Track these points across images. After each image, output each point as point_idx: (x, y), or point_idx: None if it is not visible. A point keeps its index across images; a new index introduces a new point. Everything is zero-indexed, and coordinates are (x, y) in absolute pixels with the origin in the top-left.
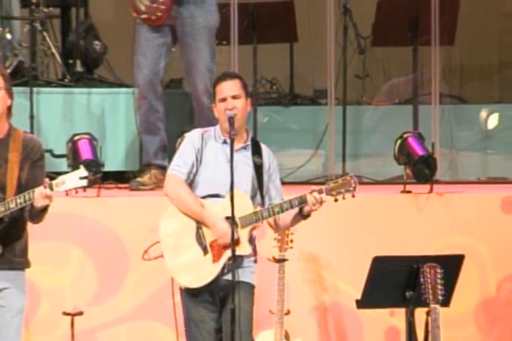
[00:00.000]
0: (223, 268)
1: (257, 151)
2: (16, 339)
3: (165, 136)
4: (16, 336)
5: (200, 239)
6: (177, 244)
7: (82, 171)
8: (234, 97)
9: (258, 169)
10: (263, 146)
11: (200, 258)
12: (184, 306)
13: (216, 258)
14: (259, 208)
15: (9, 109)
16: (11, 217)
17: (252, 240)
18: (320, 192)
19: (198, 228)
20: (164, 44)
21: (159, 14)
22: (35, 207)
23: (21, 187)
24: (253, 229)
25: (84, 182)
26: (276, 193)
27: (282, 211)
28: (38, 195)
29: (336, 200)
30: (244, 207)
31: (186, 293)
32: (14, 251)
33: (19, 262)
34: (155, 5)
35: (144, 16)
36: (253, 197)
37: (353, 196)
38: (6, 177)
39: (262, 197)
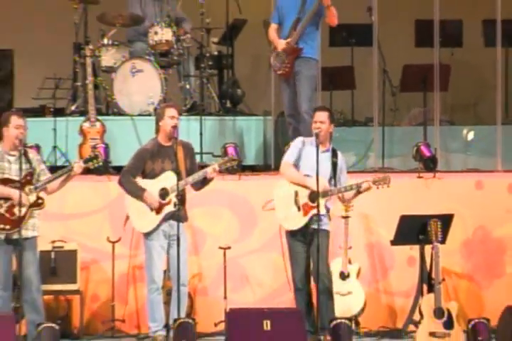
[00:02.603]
0: (310, 219)
1: (334, 155)
2: (184, 266)
3: None
4: (185, 264)
5: (296, 201)
6: (282, 203)
7: (232, 156)
8: (321, 122)
9: (334, 165)
10: (339, 152)
11: (295, 213)
12: (288, 243)
13: (305, 214)
14: (331, 187)
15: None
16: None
17: (327, 206)
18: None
19: (296, 195)
20: (294, 87)
21: (286, 70)
22: (208, 178)
23: (187, 172)
24: (327, 200)
25: (234, 163)
26: (344, 180)
27: (345, 191)
28: (211, 170)
29: (377, 188)
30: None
31: (289, 234)
32: (184, 210)
33: (186, 217)
34: (284, 64)
35: (279, 72)
36: (329, 181)
37: (388, 186)
38: (179, 168)
39: (335, 181)
